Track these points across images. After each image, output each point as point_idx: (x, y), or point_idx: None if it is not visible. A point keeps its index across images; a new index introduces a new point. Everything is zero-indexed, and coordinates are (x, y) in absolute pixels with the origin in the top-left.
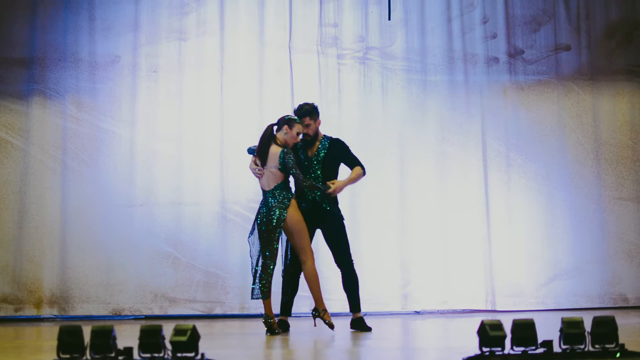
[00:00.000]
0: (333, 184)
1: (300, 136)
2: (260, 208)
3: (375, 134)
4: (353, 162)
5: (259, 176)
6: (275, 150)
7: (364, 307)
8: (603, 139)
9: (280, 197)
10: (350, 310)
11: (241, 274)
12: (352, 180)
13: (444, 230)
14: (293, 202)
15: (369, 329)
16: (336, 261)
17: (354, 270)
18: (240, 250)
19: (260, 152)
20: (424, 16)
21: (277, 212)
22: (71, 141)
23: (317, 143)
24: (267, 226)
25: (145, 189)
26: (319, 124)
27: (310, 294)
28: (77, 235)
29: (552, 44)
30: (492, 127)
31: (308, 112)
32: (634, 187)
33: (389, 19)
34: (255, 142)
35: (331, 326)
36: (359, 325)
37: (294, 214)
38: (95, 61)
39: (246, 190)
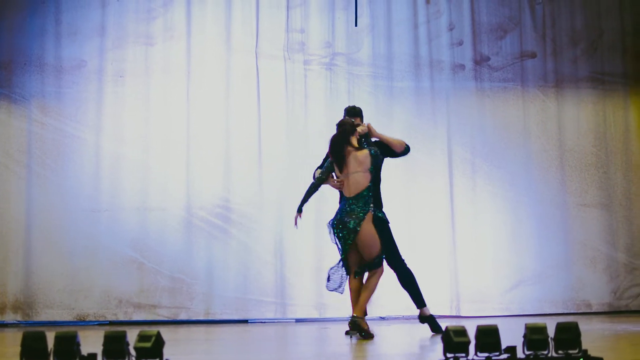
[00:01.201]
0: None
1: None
2: (337, 212)
3: None
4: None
5: (340, 186)
6: (361, 153)
7: (330, 313)
8: (567, 145)
9: (359, 208)
10: (417, 307)
11: (206, 280)
12: (390, 139)
13: (410, 235)
14: (369, 215)
15: (439, 330)
16: (388, 263)
17: (407, 269)
18: (205, 256)
19: (339, 160)
20: (390, 22)
21: (352, 224)
22: (36, 146)
23: None
24: (342, 232)
25: (111, 193)
26: None
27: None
28: (41, 241)
29: (517, 51)
30: (457, 134)
31: (359, 112)
32: (597, 194)
33: (356, 25)
34: (220, 147)
35: (368, 336)
36: (429, 321)
37: (368, 228)
38: (61, 65)
39: (212, 196)
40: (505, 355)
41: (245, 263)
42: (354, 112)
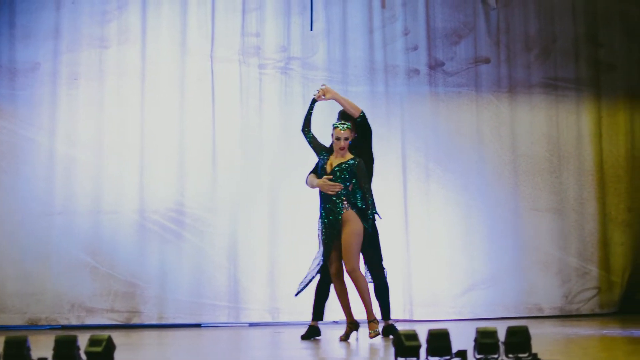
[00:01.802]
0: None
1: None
2: None
3: (296, 144)
4: None
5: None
6: None
7: (284, 317)
8: (520, 150)
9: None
10: (382, 318)
11: (159, 284)
12: (346, 102)
13: None
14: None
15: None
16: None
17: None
18: (159, 260)
19: None
20: (345, 27)
21: None
22: None
23: None
24: None
25: (64, 197)
26: None
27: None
28: None
29: (472, 56)
30: (412, 138)
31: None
32: (550, 199)
33: (311, 29)
34: (174, 150)
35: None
36: (393, 332)
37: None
38: (15, 68)
39: (166, 200)
40: (456, 359)
41: (198, 267)
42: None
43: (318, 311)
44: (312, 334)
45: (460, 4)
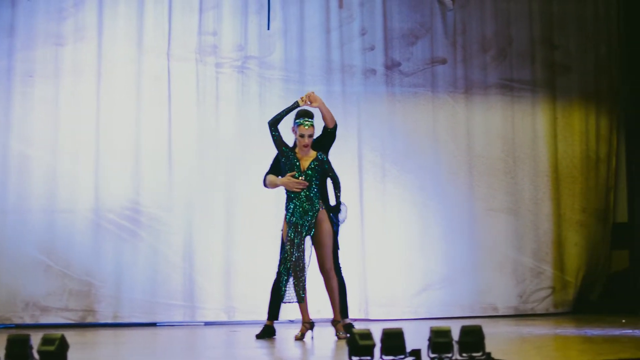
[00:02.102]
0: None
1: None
2: None
3: (253, 144)
4: None
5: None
6: None
7: (239, 316)
8: (476, 151)
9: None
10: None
11: (114, 283)
12: (329, 111)
13: None
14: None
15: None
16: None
17: (342, 277)
18: (114, 259)
19: None
20: (303, 27)
21: None
22: None
23: None
24: None
25: (18, 195)
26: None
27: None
28: None
29: (428, 57)
30: (368, 138)
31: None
32: (505, 199)
33: (268, 28)
34: (130, 149)
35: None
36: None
37: None
38: None
39: (121, 198)
40: (410, 358)
41: (154, 266)
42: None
43: (274, 311)
44: (267, 333)
45: (417, 5)
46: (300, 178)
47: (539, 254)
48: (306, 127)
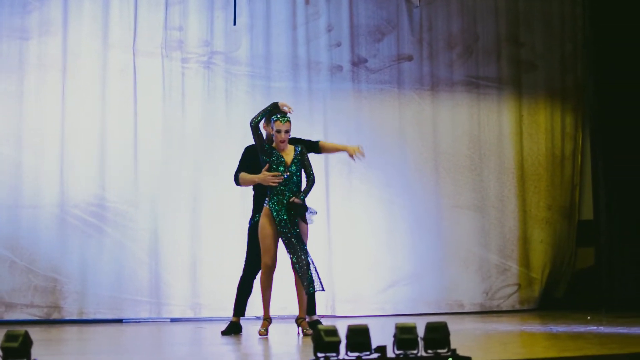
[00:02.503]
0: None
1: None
2: None
3: (218, 139)
4: None
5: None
6: None
7: (205, 313)
8: (442, 148)
9: None
10: (308, 314)
11: (80, 279)
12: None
13: None
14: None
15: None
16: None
17: None
18: (79, 254)
19: None
20: (269, 23)
21: None
22: None
23: None
24: None
25: None
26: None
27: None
28: None
29: (394, 54)
30: (334, 134)
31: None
32: (470, 196)
33: (234, 24)
34: (95, 144)
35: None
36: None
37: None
38: None
39: (86, 194)
40: (375, 355)
41: (119, 262)
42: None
43: (240, 307)
44: (233, 329)
45: (383, 2)
46: (285, 174)
47: (505, 251)
48: (283, 123)
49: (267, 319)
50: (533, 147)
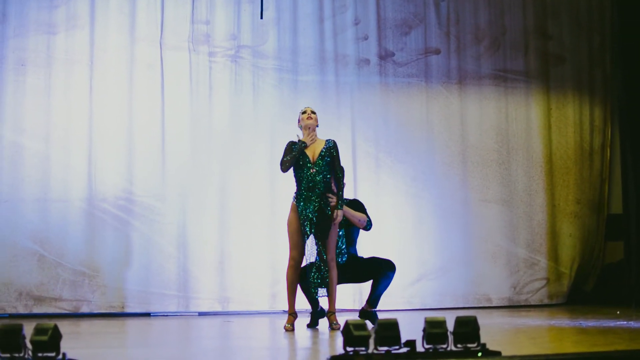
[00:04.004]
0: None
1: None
2: None
3: (246, 133)
4: None
5: None
6: None
7: (233, 306)
8: (469, 142)
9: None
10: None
11: (108, 272)
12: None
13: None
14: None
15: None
16: None
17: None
18: (107, 248)
19: None
20: (296, 16)
21: None
22: None
23: None
24: None
25: (10, 184)
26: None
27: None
28: None
29: (422, 47)
30: (362, 128)
31: None
32: (498, 190)
33: (261, 17)
34: (123, 138)
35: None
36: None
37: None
38: None
39: (114, 188)
40: (404, 349)
41: (147, 256)
42: None
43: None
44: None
45: None
46: (312, 171)
47: (533, 245)
48: (307, 108)
49: (292, 314)
50: (561, 140)
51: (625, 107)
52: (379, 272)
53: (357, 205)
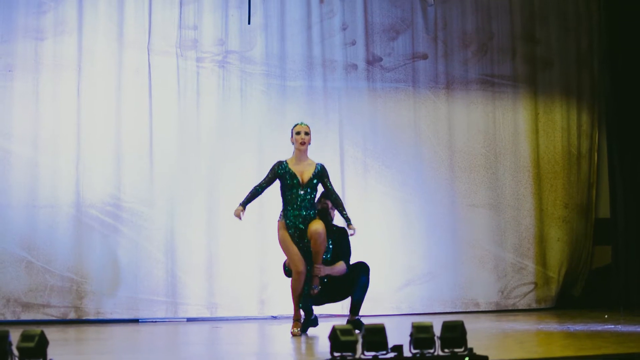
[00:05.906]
0: None
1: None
2: None
3: (233, 138)
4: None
5: None
6: None
7: (222, 312)
8: (457, 146)
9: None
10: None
11: (96, 279)
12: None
13: None
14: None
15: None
16: None
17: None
18: (95, 254)
19: None
20: (284, 22)
21: None
22: None
23: None
24: None
25: None
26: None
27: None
28: None
29: (409, 52)
30: (349, 133)
31: None
32: (486, 194)
33: (249, 23)
34: (111, 144)
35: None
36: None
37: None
38: None
39: (102, 194)
40: (392, 354)
41: (136, 262)
42: None
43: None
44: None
45: (397, 0)
46: (301, 192)
47: (521, 250)
48: (302, 125)
49: (298, 319)
50: (549, 145)
51: (613, 112)
52: (352, 283)
53: (342, 235)
